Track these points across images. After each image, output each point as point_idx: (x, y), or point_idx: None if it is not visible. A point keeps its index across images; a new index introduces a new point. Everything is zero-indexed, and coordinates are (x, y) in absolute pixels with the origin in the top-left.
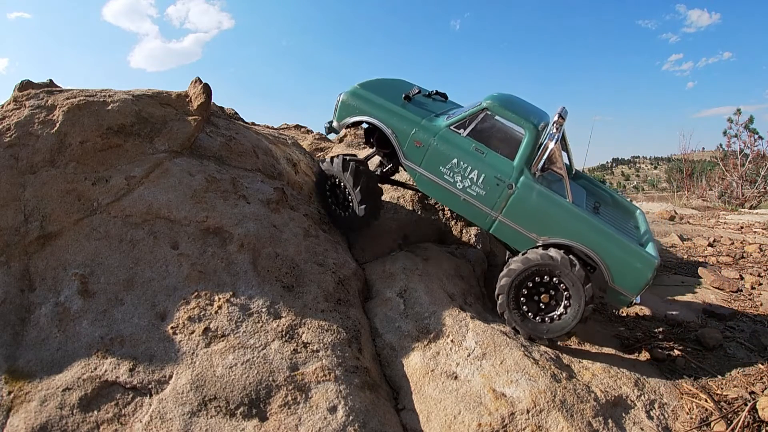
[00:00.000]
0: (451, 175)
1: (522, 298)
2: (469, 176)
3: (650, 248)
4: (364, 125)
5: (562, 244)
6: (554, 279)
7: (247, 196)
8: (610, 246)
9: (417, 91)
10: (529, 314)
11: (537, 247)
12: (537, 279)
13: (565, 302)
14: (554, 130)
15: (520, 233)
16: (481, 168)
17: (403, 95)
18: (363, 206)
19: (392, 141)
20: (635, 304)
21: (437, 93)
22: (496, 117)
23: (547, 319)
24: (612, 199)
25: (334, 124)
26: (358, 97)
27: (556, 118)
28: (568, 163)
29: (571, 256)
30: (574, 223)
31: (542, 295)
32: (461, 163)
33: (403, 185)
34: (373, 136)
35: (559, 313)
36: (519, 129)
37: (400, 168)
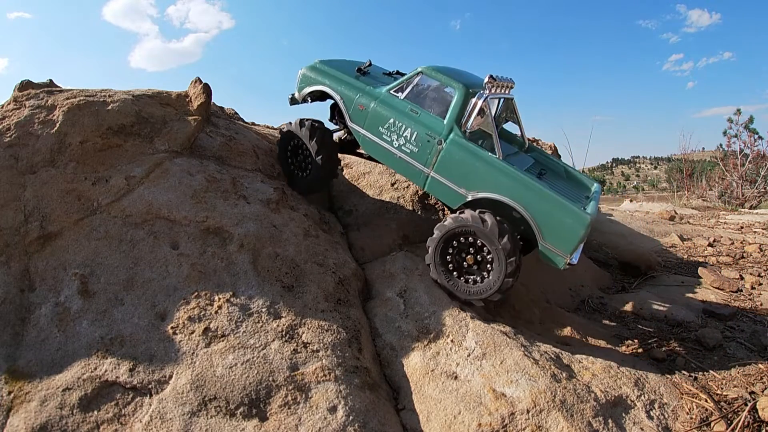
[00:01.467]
0: (389, 134)
1: (447, 256)
2: (404, 135)
3: (588, 207)
4: (330, 101)
5: (489, 198)
6: (479, 241)
7: (247, 196)
8: (538, 201)
9: (368, 63)
10: (454, 273)
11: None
12: (464, 240)
13: (488, 266)
14: (486, 91)
15: (450, 188)
16: (415, 127)
17: (356, 68)
18: (319, 157)
19: (341, 106)
20: (571, 264)
21: (398, 72)
22: (431, 80)
23: (470, 280)
24: (566, 172)
25: (295, 94)
26: (316, 70)
27: (486, 79)
28: (520, 136)
29: (484, 214)
30: (501, 178)
31: (468, 256)
32: (397, 122)
33: (359, 155)
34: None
35: (481, 276)
36: (451, 90)
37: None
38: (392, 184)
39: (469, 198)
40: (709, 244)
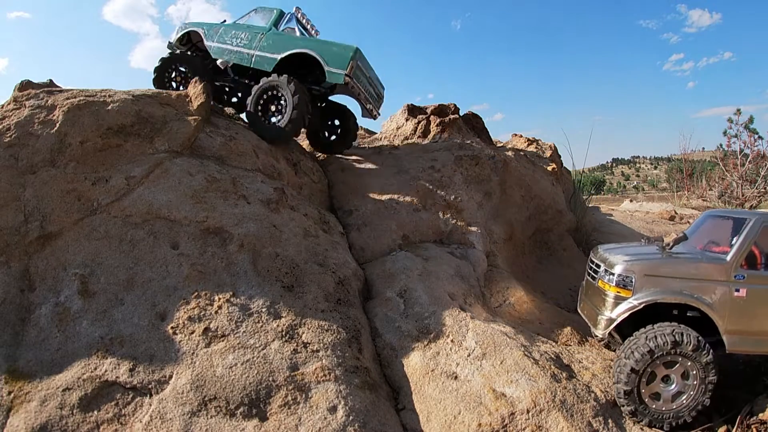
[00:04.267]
0: (231, 39)
1: (261, 102)
2: (240, 36)
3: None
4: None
5: (295, 53)
6: (279, 93)
7: (247, 196)
8: (319, 46)
9: (224, 21)
10: (264, 115)
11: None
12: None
13: (281, 108)
14: (292, 14)
15: (267, 56)
16: (249, 30)
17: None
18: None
19: (204, 35)
20: (348, 82)
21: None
22: (262, 12)
23: (273, 120)
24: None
25: (171, 42)
26: (188, 24)
27: (294, 9)
28: (305, 33)
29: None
30: (292, 41)
31: (271, 104)
32: (238, 32)
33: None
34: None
35: (278, 118)
36: (271, 13)
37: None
38: (392, 184)
39: (278, 57)
40: None
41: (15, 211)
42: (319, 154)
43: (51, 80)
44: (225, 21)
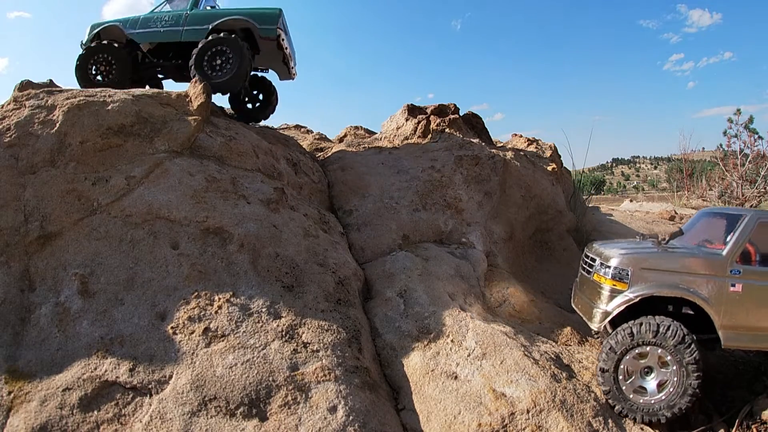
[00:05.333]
0: (156, 24)
1: (206, 58)
2: (165, 18)
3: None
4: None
5: (225, 21)
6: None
7: (247, 196)
8: (246, 12)
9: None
10: (210, 70)
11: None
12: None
13: (224, 64)
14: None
15: (198, 28)
16: (173, 13)
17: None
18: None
19: (120, 27)
20: (279, 38)
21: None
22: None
23: (215, 74)
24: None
25: (83, 40)
26: (104, 21)
27: None
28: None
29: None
30: (219, 12)
31: (214, 60)
32: (162, 16)
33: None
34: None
35: (220, 73)
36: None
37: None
38: (392, 184)
39: (209, 26)
40: None
41: (15, 211)
42: (319, 153)
43: (51, 80)
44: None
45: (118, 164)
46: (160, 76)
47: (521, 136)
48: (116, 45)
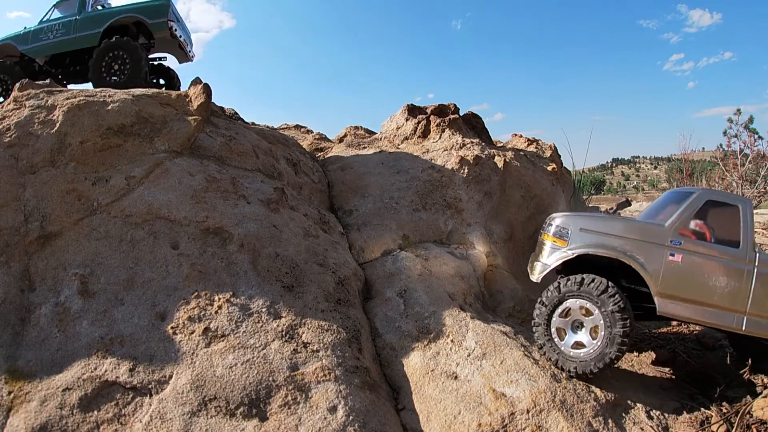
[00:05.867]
0: (47, 35)
1: (104, 63)
2: (55, 29)
3: None
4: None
5: (118, 20)
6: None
7: (247, 196)
8: (136, 8)
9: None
10: (108, 74)
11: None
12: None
13: (122, 66)
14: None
15: (89, 33)
16: (62, 21)
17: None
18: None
19: (13, 44)
20: (171, 29)
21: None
22: (63, 5)
23: (114, 78)
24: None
25: None
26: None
27: None
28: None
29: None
30: (108, 13)
31: (114, 64)
32: (51, 26)
33: None
34: None
35: (119, 75)
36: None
37: None
38: (392, 184)
39: (101, 30)
40: None
41: (15, 211)
42: (319, 153)
43: (51, 80)
44: (26, 27)
45: (118, 164)
46: (64, 82)
47: (521, 136)
48: (8, 62)
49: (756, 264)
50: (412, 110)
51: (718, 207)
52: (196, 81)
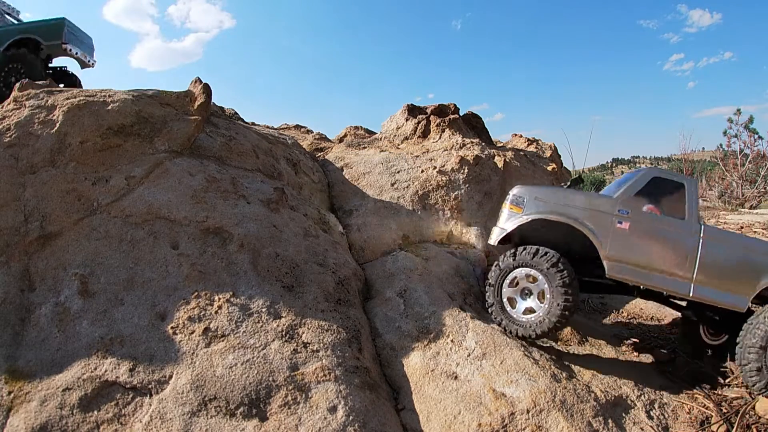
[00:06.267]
0: None
1: (2, 76)
2: None
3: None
4: None
5: (16, 40)
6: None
7: (247, 196)
8: (34, 29)
9: None
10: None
11: None
12: None
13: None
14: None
15: None
16: None
17: None
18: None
19: None
20: (66, 50)
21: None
22: None
23: None
24: None
25: None
26: None
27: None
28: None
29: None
30: (8, 32)
31: (11, 77)
32: None
33: None
34: None
35: None
36: None
37: None
38: (392, 184)
39: (1, 50)
40: None
41: (15, 211)
42: (319, 153)
43: (51, 80)
44: None
45: (118, 164)
46: None
47: (521, 136)
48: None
49: (701, 235)
50: (412, 110)
51: (665, 183)
52: (196, 81)
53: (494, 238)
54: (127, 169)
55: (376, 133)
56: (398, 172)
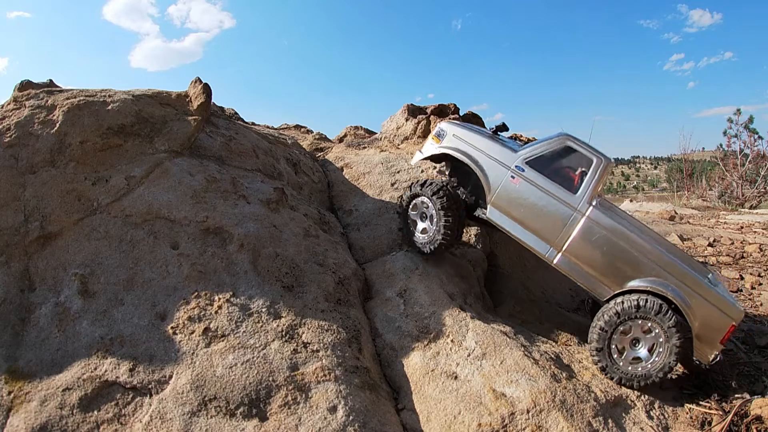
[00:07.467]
0: None
1: None
2: None
3: None
4: None
5: None
6: None
7: (247, 196)
8: None
9: None
10: None
11: None
12: None
13: None
14: None
15: None
16: None
17: None
18: None
19: None
20: None
21: None
22: None
23: None
24: None
25: None
26: None
27: None
28: None
29: None
30: None
31: None
32: None
33: None
34: None
35: None
36: None
37: None
38: (392, 184)
39: None
40: (709, 244)
41: (15, 211)
42: (319, 153)
43: (51, 80)
44: None
45: (118, 164)
46: None
47: (521, 136)
48: None
49: (586, 214)
50: (412, 110)
51: (575, 154)
52: (196, 81)
53: (413, 161)
54: (127, 169)
55: (376, 133)
56: (398, 172)
